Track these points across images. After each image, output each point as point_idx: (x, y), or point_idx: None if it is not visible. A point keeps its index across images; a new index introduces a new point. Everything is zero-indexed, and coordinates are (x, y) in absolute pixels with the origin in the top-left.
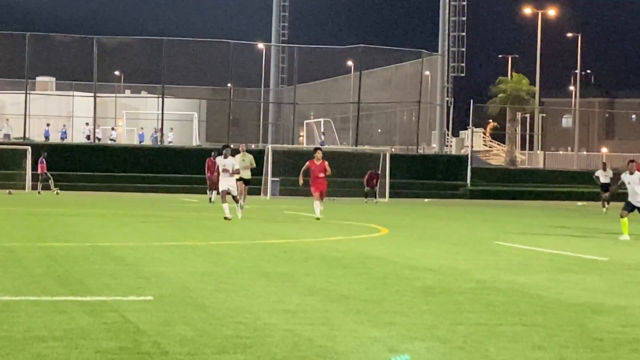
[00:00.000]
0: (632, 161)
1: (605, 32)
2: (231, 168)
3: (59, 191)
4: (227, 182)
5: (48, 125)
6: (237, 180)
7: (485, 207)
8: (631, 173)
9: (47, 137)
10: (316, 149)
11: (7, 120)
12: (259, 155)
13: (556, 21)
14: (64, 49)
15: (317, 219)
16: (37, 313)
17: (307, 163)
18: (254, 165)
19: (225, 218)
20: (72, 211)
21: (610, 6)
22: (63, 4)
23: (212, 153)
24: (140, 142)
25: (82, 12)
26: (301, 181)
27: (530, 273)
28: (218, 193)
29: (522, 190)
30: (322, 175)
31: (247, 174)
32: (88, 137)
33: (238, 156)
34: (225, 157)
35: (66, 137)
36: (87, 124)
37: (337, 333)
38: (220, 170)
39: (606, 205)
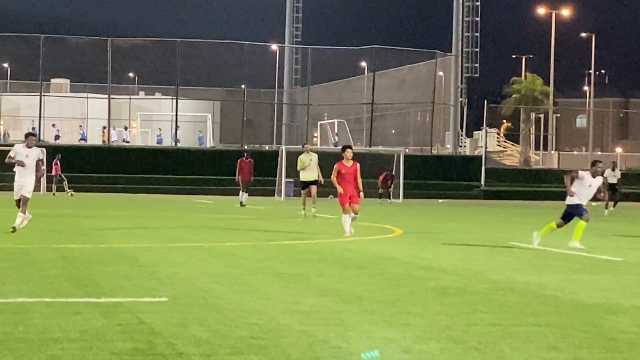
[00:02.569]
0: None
1: (619, 32)
2: (34, 161)
3: (73, 193)
4: (28, 182)
5: (35, 129)
6: (310, 183)
7: (499, 207)
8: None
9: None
10: (345, 147)
11: (33, 121)
12: (271, 157)
13: (570, 21)
14: (79, 50)
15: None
16: (52, 314)
17: (336, 166)
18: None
19: (13, 228)
20: (86, 213)
21: (624, 6)
22: (77, 6)
23: (245, 154)
24: (157, 143)
25: (96, 14)
26: (340, 189)
27: (545, 273)
28: (249, 194)
29: (536, 191)
30: (356, 183)
31: (315, 175)
32: (56, 138)
33: (303, 156)
34: (29, 146)
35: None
36: (53, 125)
37: (351, 334)
38: (18, 162)
39: (609, 207)
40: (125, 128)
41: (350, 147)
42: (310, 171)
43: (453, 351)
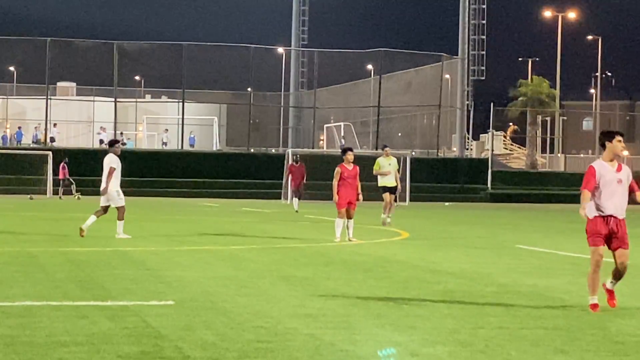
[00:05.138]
0: None
1: (626, 35)
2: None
3: (80, 196)
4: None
5: (16, 128)
6: (389, 189)
7: (506, 210)
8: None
9: (19, 141)
10: (346, 150)
11: (39, 124)
12: (278, 160)
13: (576, 23)
14: (85, 54)
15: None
16: (59, 318)
17: (338, 169)
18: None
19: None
20: None
21: (631, 8)
22: (84, 9)
23: (295, 157)
24: (163, 145)
25: (102, 18)
26: (336, 197)
27: (552, 276)
28: (300, 199)
29: (543, 194)
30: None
31: (394, 180)
32: (35, 142)
33: (381, 159)
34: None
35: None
36: (36, 127)
37: (358, 337)
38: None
39: None
40: (122, 134)
41: (350, 150)
42: (389, 176)
43: (460, 354)
